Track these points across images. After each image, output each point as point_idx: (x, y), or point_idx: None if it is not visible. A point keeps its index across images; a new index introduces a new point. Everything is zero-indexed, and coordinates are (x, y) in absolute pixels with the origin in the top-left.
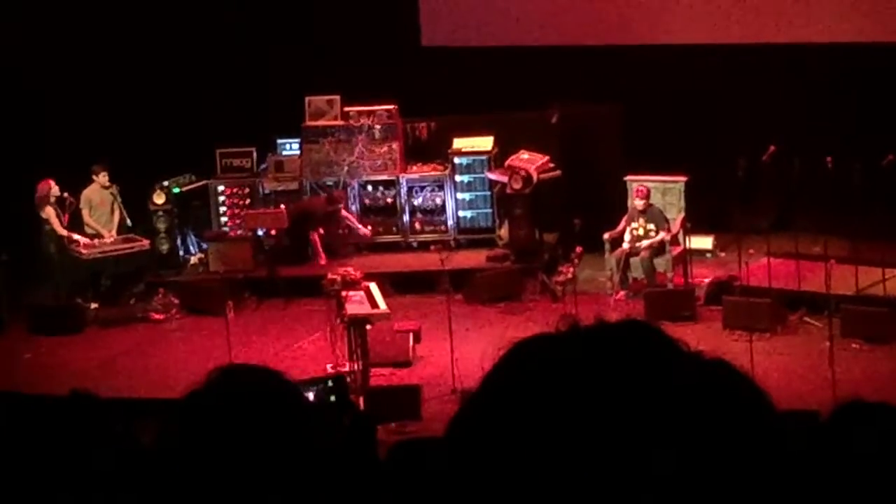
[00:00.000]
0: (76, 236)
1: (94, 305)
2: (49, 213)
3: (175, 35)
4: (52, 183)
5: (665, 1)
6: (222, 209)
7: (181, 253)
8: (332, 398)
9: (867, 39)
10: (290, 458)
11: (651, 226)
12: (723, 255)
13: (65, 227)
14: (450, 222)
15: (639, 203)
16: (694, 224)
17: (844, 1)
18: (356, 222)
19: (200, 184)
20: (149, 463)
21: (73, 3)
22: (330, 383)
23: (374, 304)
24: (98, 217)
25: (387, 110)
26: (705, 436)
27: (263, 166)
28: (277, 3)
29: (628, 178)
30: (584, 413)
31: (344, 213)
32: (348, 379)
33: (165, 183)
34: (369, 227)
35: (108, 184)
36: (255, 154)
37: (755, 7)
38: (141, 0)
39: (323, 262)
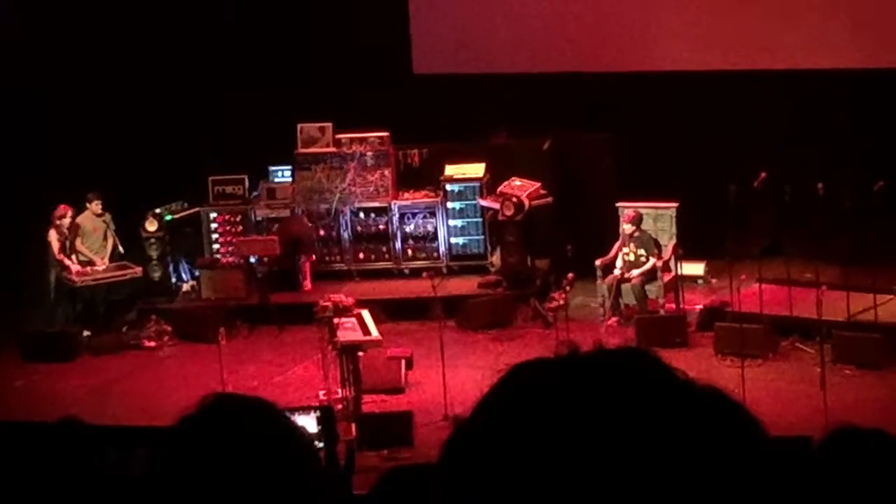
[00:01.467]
0: (67, 262)
1: (86, 333)
2: (51, 236)
3: (168, 63)
4: (68, 212)
5: (656, 28)
6: (214, 236)
7: (173, 280)
8: (320, 428)
9: (858, 65)
10: (279, 486)
11: (641, 251)
12: (714, 281)
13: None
14: (442, 249)
15: (627, 227)
16: (686, 250)
17: (835, 27)
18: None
19: (192, 211)
20: (138, 488)
21: (68, 34)
22: (318, 413)
23: (366, 331)
24: (90, 244)
25: (379, 137)
26: (699, 463)
27: (255, 193)
28: (269, 31)
29: (620, 204)
30: (580, 439)
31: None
32: (339, 406)
33: (158, 210)
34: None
35: (100, 212)
36: (247, 181)
37: (746, 34)
38: (133, 29)
39: (308, 287)
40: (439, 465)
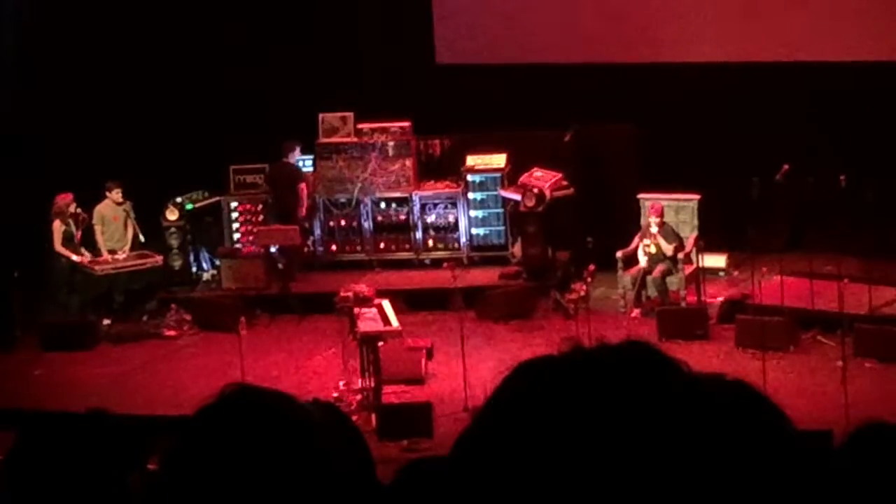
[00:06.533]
0: (70, 254)
1: (106, 321)
2: (55, 227)
3: (189, 52)
4: (70, 198)
5: (679, 20)
6: (235, 226)
7: (194, 269)
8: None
9: (881, 58)
10: (298, 481)
11: (663, 243)
12: (736, 273)
13: (75, 245)
14: (462, 239)
15: (654, 220)
16: (707, 242)
17: (859, 20)
18: None
19: (213, 200)
20: (156, 478)
21: (88, 21)
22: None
23: (386, 321)
24: (111, 233)
25: (400, 127)
26: (710, 457)
27: None
28: (292, 21)
29: (641, 196)
30: (584, 435)
31: None
32: (359, 396)
33: (178, 199)
34: None
35: (120, 200)
36: (268, 170)
37: (769, 26)
38: (156, 18)
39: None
40: (451, 461)
